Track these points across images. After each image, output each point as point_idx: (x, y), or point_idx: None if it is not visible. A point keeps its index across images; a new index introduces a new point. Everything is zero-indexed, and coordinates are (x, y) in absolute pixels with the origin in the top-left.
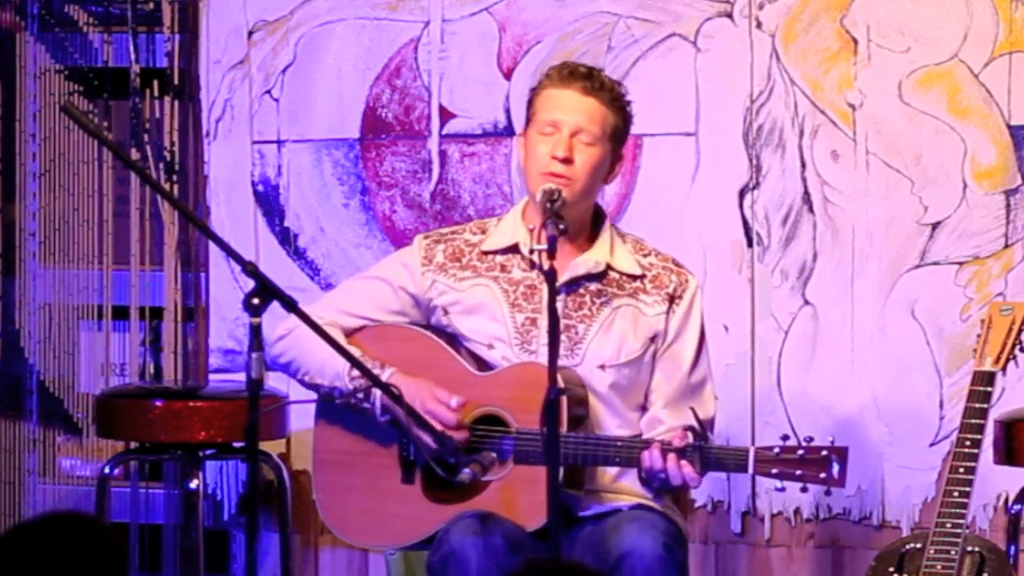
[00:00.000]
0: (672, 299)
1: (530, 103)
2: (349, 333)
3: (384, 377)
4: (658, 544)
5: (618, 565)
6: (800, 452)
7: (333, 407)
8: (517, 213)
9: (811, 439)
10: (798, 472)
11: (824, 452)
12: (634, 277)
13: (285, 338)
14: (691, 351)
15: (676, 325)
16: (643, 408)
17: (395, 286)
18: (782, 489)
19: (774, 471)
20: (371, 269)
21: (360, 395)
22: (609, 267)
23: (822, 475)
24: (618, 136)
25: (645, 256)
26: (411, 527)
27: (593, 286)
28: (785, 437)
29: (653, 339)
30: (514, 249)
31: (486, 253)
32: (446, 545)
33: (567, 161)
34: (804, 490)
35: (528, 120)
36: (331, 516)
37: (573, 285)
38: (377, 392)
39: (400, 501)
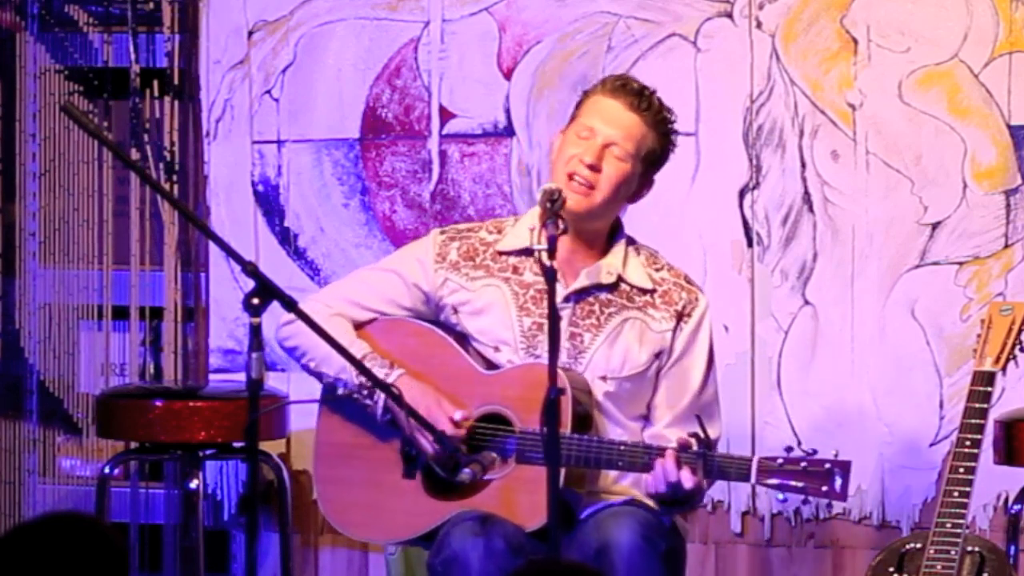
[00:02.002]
0: (680, 316)
1: (578, 105)
2: (359, 325)
3: (392, 377)
4: (636, 535)
5: (597, 558)
6: (803, 464)
7: (338, 400)
8: (534, 214)
9: (815, 451)
10: (800, 484)
11: (827, 465)
12: (644, 291)
13: (293, 322)
14: (699, 371)
15: (682, 343)
16: (643, 418)
17: (408, 282)
18: (784, 500)
19: (776, 482)
20: (384, 260)
21: (364, 391)
22: (621, 279)
23: (824, 488)
24: (653, 161)
25: (657, 271)
26: (411, 522)
27: (603, 296)
28: (789, 448)
29: (658, 355)
30: (528, 252)
31: (501, 253)
32: (447, 548)
33: (594, 168)
34: (806, 502)
35: (571, 120)
36: (331, 509)
37: (583, 294)
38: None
39: (400, 496)
